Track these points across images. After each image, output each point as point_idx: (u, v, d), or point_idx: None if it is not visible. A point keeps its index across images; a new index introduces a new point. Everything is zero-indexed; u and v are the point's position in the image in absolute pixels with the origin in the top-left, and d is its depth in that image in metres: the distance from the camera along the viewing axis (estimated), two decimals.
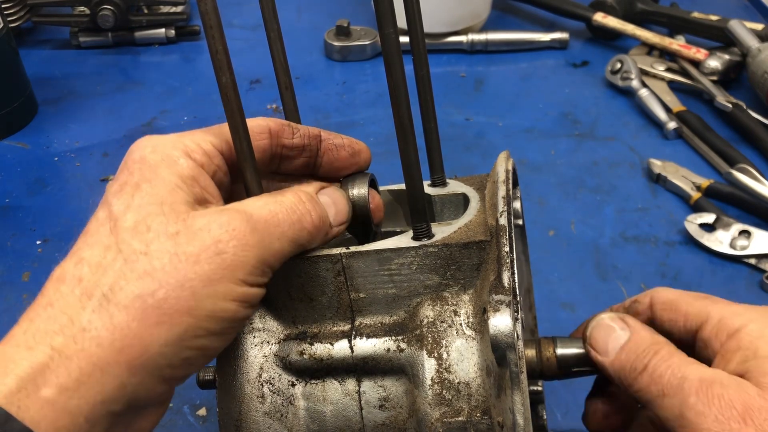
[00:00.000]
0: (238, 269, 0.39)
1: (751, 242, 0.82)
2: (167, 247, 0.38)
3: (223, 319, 0.39)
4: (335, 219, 0.46)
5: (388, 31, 0.43)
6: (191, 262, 0.38)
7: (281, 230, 0.42)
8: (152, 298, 0.37)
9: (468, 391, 0.45)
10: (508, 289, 0.42)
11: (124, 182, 0.41)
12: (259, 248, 0.40)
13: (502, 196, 0.46)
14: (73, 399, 0.36)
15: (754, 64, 1.02)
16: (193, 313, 0.38)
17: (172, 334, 0.37)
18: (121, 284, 0.37)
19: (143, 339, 0.37)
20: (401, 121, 0.44)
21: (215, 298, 0.38)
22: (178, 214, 0.39)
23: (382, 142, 0.99)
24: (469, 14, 1.18)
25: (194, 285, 0.38)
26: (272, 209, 0.42)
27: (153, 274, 0.37)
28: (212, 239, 0.39)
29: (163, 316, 0.37)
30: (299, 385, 0.48)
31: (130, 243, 0.38)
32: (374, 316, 0.48)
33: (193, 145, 0.42)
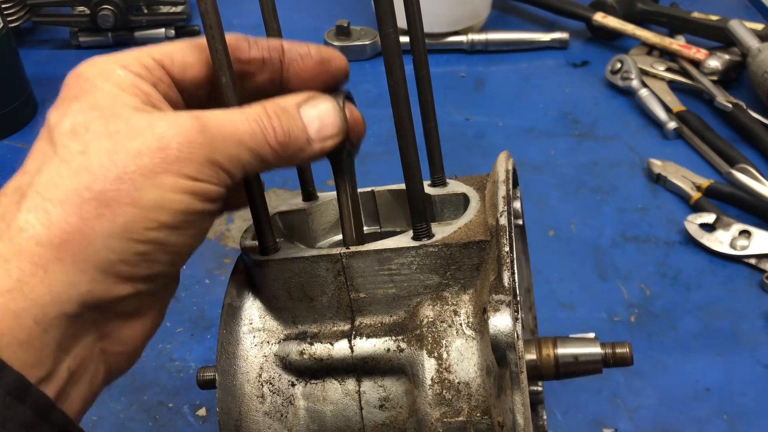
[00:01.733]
0: (183, 164, 0.37)
1: (751, 242, 0.82)
2: (106, 145, 0.36)
3: (174, 210, 0.37)
4: (319, 132, 0.43)
5: (388, 31, 0.43)
6: (131, 155, 0.36)
7: (238, 137, 0.39)
8: (89, 191, 0.35)
9: (468, 391, 0.45)
10: (508, 289, 0.42)
11: (62, 97, 0.39)
12: (209, 148, 0.38)
13: (502, 196, 0.46)
14: (17, 300, 0.34)
15: (754, 64, 1.02)
16: (137, 203, 0.36)
17: (115, 226, 0.36)
18: (56, 181, 0.36)
19: (84, 232, 0.35)
20: (401, 121, 0.44)
21: (160, 189, 0.36)
22: (119, 116, 0.37)
23: (382, 142, 0.99)
24: (469, 14, 1.18)
25: (135, 177, 0.36)
26: (230, 117, 0.40)
27: (90, 169, 0.36)
28: (155, 135, 0.37)
29: (102, 207, 0.35)
30: (299, 385, 0.48)
31: (67, 145, 0.37)
32: (374, 316, 0.48)
33: (130, 59, 0.41)
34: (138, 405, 0.70)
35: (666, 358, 0.72)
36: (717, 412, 0.68)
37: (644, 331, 0.75)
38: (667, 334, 0.75)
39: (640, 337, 0.74)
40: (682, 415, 0.68)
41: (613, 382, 0.70)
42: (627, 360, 0.49)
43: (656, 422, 0.67)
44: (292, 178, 0.95)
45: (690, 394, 0.69)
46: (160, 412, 0.70)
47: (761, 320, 0.76)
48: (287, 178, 0.96)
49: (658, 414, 0.68)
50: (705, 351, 0.73)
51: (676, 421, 0.67)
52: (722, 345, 0.74)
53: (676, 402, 0.69)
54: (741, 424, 0.67)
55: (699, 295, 0.79)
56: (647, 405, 0.69)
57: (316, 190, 0.55)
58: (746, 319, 0.76)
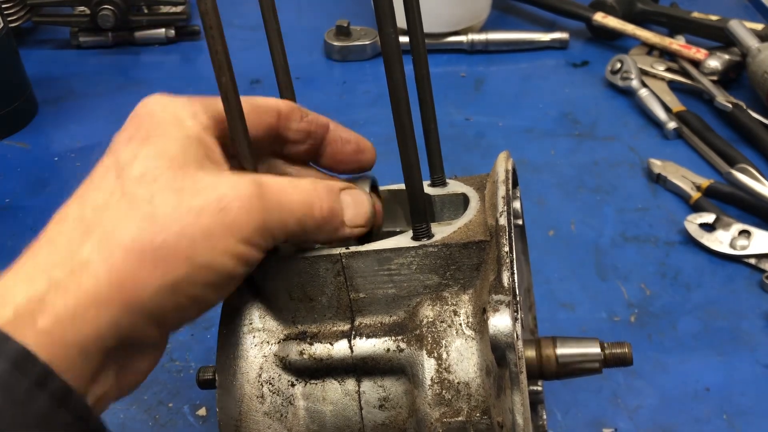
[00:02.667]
0: (239, 228, 0.39)
1: (751, 242, 0.82)
2: (171, 199, 0.38)
3: (219, 272, 0.39)
4: (352, 219, 0.46)
5: (388, 31, 0.43)
6: (193, 214, 0.38)
7: (289, 206, 0.41)
8: (151, 242, 0.37)
9: (468, 391, 0.45)
10: (508, 289, 0.42)
11: (133, 134, 0.41)
12: (264, 214, 0.40)
13: (502, 196, 0.46)
14: (68, 331, 0.36)
15: (754, 64, 1.02)
16: (191, 261, 0.38)
17: (167, 279, 0.37)
18: (122, 225, 0.37)
19: (139, 280, 0.37)
20: (401, 122, 0.44)
21: (214, 251, 0.38)
22: (186, 171, 0.39)
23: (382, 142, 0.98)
24: (469, 14, 1.18)
25: (194, 235, 0.38)
26: (285, 185, 0.42)
27: (155, 220, 0.38)
28: (216, 196, 0.39)
29: (160, 260, 0.37)
30: (299, 385, 0.48)
31: (135, 190, 0.38)
32: (374, 316, 0.48)
33: (200, 109, 0.43)
34: (138, 405, 0.70)
35: (666, 358, 0.73)
36: (717, 412, 0.68)
37: (644, 331, 0.75)
38: (667, 334, 0.75)
39: (640, 337, 0.74)
40: (682, 415, 0.68)
41: (613, 382, 0.70)
42: (627, 360, 0.49)
43: (656, 422, 0.67)
44: None
45: (690, 394, 0.69)
46: (160, 412, 0.70)
47: (761, 320, 0.76)
48: None
49: (658, 414, 0.68)
50: (705, 351, 0.73)
51: (676, 421, 0.67)
52: (722, 345, 0.74)
53: (676, 402, 0.69)
54: (741, 424, 0.67)
55: (699, 295, 0.79)
56: (647, 405, 0.69)
57: None
58: (746, 319, 0.76)
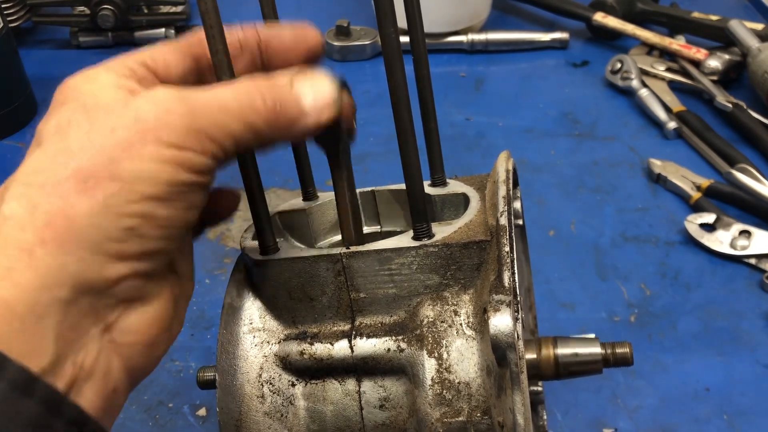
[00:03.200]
0: (162, 132, 0.36)
1: (752, 242, 0.82)
2: (84, 127, 0.37)
3: (157, 181, 0.36)
4: (313, 104, 0.41)
5: (388, 30, 0.42)
6: (106, 131, 0.36)
7: (222, 105, 0.38)
8: (67, 169, 0.35)
9: (468, 391, 0.45)
10: (509, 289, 0.42)
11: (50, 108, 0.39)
12: (190, 116, 0.37)
13: (503, 196, 0.46)
14: (7, 288, 0.33)
15: (755, 64, 1.02)
16: (116, 177, 0.35)
17: (95, 201, 0.35)
18: (35, 167, 0.36)
19: (65, 212, 0.34)
20: (401, 121, 0.44)
21: (140, 161, 0.36)
22: (99, 104, 0.38)
23: (382, 142, 0.99)
24: (469, 14, 1.18)
25: (111, 150, 0.36)
26: (214, 90, 0.39)
27: (67, 151, 0.36)
28: (131, 110, 0.37)
29: (80, 184, 0.35)
30: (299, 385, 0.48)
31: (50, 138, 0.37)
32: (374, 316, 0.48)
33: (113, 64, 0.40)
34: (138, 405, 0.70)
35: (666, 358, 0.73)
36: (717, 412, 0.68)
37: (644, 331, 0.75)
38: (667, 334, 0.75)
39: (640, 337, 0.74)
40: (682, 415, 0.68)
41: (613, 382, 0.70)
42: (627, 360, 0.49)
43: (656, 422, 0.67)
44: (293, 177, 0.94)
45: (690, 394, 0.70)
46: (160, 412, 0.70)
47: (761, 320, 0.76)
48: (287, 178, 0.96)
49: (658, 414, 0.68)
50: (705, 351, 0.73)
51: (676, 421, 0.67)
52: (722, 345, 0.74)
53: (676, 402, 0.69)
54: (741, 424, 0.67)
55: (699, 295, 0.79)
56: (647, 405, 0.69)
57: (316, 190, 0.55)
58: (746, 319, 0.76)
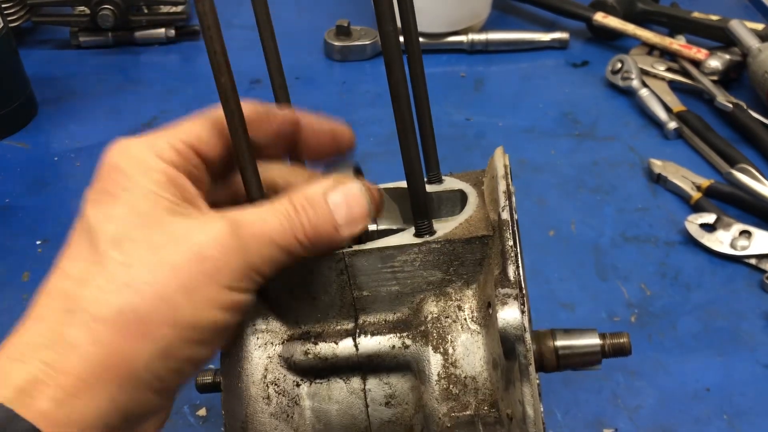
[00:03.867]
0: (220, 275, 0.38)
1: (752, 242, 0.82)
2: (148, 258, 0.38)
3: (206, 328, 0.39)
4: (347, 219, 0.43)
5: (387, 29, 0.43)
6: (171, 270, 0.37)
7: (269, 237, 0.40)
8: (132, 311, 0.37)
9: (475, 385, 0.45)
10: (515, 282, 0.42)
11: (100, 192, 0.40)
12: (244, 253, 0.39)
13: (503, 191, 0.46)
14: (67, 412, 0.35)
15: (755, 64, 1.02)
16: (175, 324, 0.37)
17: (155, 348, 0.37)
18: (101, 298, 0.37)
19: (125, 354, 0.36)
20: (402, 119, 0.44)
21: (196, 308, 0.38)
22: (159, 224, 0.39)
23: (382, 142, 0.99)
24: (469, 14, 1.18)
25: (174, 296, 0.37)
26: (261, 216, 0.40)
27: (133, 286, 0.37)
28: (191, 246, 0.38)
29: (143, 329, 0.37)
30: (304, 384, 0.48)
31: (111, 255, 0.38)
32: (378, 313, 0.48)
33: (165, 146, 0.41)
34: None
35: (666, 358, 0.73)
36: (717, 412, 0.68)
37: (644, 331, 0.75)
38: (667, 334, 0.75)
39: (640, 337, 0.74)
40: (682, 415, 0.68)
41: (613, 382, 0.70)
42: (626, 349, 0.49)
43: (656, 422, 0.67)
44: None
45: (690, 394, 0.70)
46: None
47: (761, 320, 0.76)
48: None
49: (658, 414, 0.68)
50: (705, 351, 0.73)
51: (676, 421, 0.67)
52: (722, 345, 0.74)
53: (676, 402, 0.69)
54: (741, 424, 0.67)
55: (699, 295, 0.79)
56: (647, 405, 0.69)
57: None
58: (746, 319, 0.76)
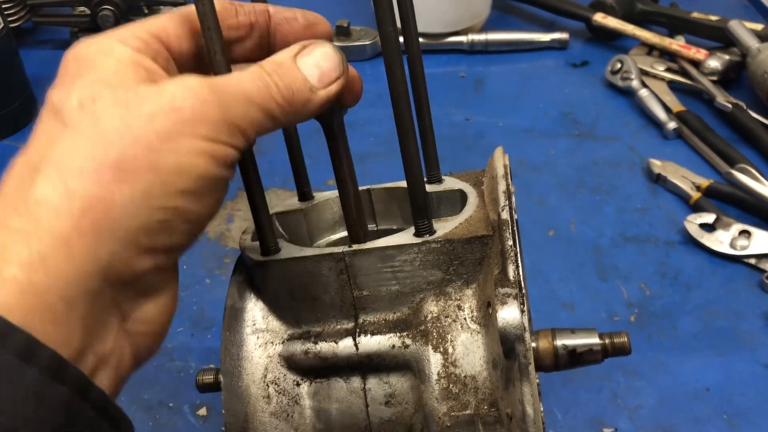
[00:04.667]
0: (198, 124, 0.36)
1: (751, 242, 0.82)
2: (117, 112, 0.35)
3: (192, 174, 0.36)
4: (320, 80, 0.41)
5: (387, 29, 0.43)
6: (145, 119, 0.35)
7: (246, 95, 0.38)
8: (106, 156, 0.34)
9: (474, 384, 0.45)
10: (514, 282, 0.42)
11: (61, 77, 0.38)
12: (221, 107, 0.37)
13: (503, 191, 0.46)
14: (40, 275, 0.32)
15: (754, 64, 1.02)
16: (155, 168, 0.35)
17: (135, 192, 0.34)
18: (71, 151, 0.34)
19: (104, 200, 0.34)
20: (402, 119, 0.45)
21: (177, 153, 0.35)
22: (126, 86, 0.36)
23: (382, 142, 0.99)
24: (469, 14, 1.18)
25: (151, 140, 0.35)
26: (235, 77, 0.39)
27: (104, 136, 0.35)
28: (167, 97, 0.36)
29: (120, 173, 0.34)
30: (304, 384, 0.48)
31: (77, 117, 0.35)
32: (378, 313, 0.48)
33: (126, 35, 0.39)
34: (138, 404, 0.70)
35: (666, 358, 0.73)
36: (717, 411, 0.68)
37: (644, 331, 0.75)
38: (667, 334, 0.75)
39: (640, 337, 0.74)
40: (682, 415, 0.68)
41: (613, 382, 0.70)
42: (626, 349, 0.49)
43: (656, 422, 0.67)
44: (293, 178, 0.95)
45: (690, 394, 0.70)
46: (161, 412, 0.70)
47: (761, 320, 0.76)
48: (287, 178, 0.96)
49: (658, 414, 0.68)
50: (705, 351, 0.73)
51: (676, 421, 0.67)
52: (722, 345, 0.74)
53: (676, 402, 0.69)
54: (741, 423, 0.67)
55: (699, 295, 0.79)
56: (647, 405, 0.69)
57: (311, 190, 0.55)
58: (746, 319, 0.76)
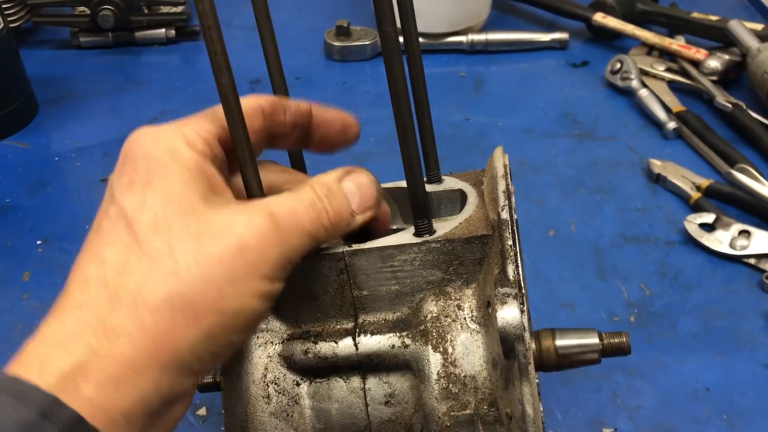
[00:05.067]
0: (261, 266, 0.39)
1: (751, 242, 0.82)
2: (191, 247, 0.38)
3: (248, 316, 0.39)
4: (359, 206, 0.45)
5: (387, 29, 0.43)
6: (215, 261, 0.38)
7: (301, 227, 0.41)
8: (180, 299, 0.37)
9: (474, 384, 0.45)
10: (514, 282, 0.42)
11: (132, 178, 0.40)
12: (281, 245, 0.40)
13: (503, 191, 0.47)
14: (112, 397, 0.36)
15: (754, 64, 1.02)
16: (221, 311, 0.38)
17: (201, 333, 0.38)
18: (148, 286, 0.37)
19: (173, 339, 0.37)
20: (402, 120, 0.45)
21: (241, 296, 0.38)
22: (197, 213, 0.39)
23: (383, 142, 0.99)
24: (469, 14, 1.18)
25: (220, 284, 0.38)
26: (292, 206, 0.41)
27: (179, 275, 0.37)
28: (235, 238, 0.38)
29: (191, 315, 0.37)
30: (304, 384, 0.48)
31: (152, 243, 0.38)
32: (378, 312, 0.48)
33: (193, 135, 0.42)
34: None
35: (666, 358, 0.73)
36: (717, 411, 0.68)
37: (644, 331, 0.75)
38: (666, 334, 0.75)
39: (640, 337, 0.74)
40: (682, 414, 0.68)
41: (613, 382, 0.70)
42: (625, 349, 0.49)
43: (656, 422, 0.67)
44: None
45: (690, 394, 0.70)
46: None
47: (761, 320, 0.76)
48: None
49: (658, 414, 0.68)
50: (705, 351, 0.73)
51: (676, 420, 0.67)
52: (722, 345, 0.74)
53: (676, 402, 0.69)
54: (741, 423, 0.67)
55: (699, 295, 0.79)
56: (647, 405, 0.69)
57: None
58: (746, 319, 0.76)
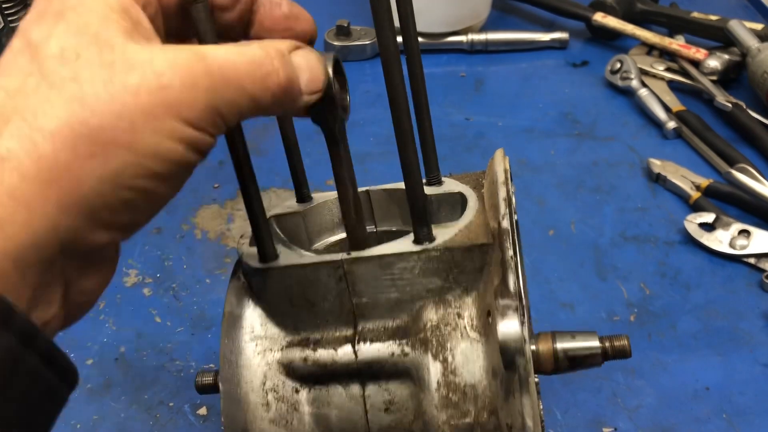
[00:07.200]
0: (183, 109, 0.34)
1: (751, 242, 0.82)
2: (101, 76, 0.32)
3: (167, 159, 0.34)
4: (307, 86, 0.39)
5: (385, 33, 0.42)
6: (130, 92, 0.32)
7: (239, 82, 0.36)
8: (85, 126, 0.32)
9: (474, 393, 0.45)
10: (514, 293, 0.42)
11: (43, 10, 0.34)
12: (211, 93, 0.35)
13: (503, 198, 0.46)
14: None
15: (754, 64, 1.02)
16: (133, 147, 0.33)
17: (107, 169, 0.32)
18: (45, 109, 0.32)
19: (74, 172, 0.32)
20: (400, 126, 0.44)
21: (157, 135, 0.33)
22: (113, 45, 0.33)
23: (382, 142, 0.99)
24: (469, 14, 1.18)
25: (134, 117, 0.32)
26: (233, 57, 0.36)
27: (84, 101, 0.32)
28: (155, 72, 0.33)
29: (97, 147, 0.32)
30: (303, 391, 0.48)
31: (57, 70, 0.32)
32: (377, 320, 0.48)
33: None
34: (138, 404, 0.70)
35: (666, 358, 0.73)
36: (717, 411, 0.68)
37: (644, 330, 0.75)
38: (666, 333, 0.75)
39: (640, 337, 0.74)
40: (681, 414, 0.68)
41: (613, 381, 0.70)
42: (626, 352, 0.49)
43: (656, 422, 0.67)
44: None
45: (690, 394, 0.70)
46: (161, 412, 0.70)
47: (761, 320, 0.76)
48: (288, 178, 0.95)
49: (658, 414, 0.68)
50: (704, 351, 0.73)
51: (676, 420, 0.67)
52: (722, 345, 0.74)
53: (676, 402, 0.69)
54: (741, 423, 0.67)
55: (698, 294, 0.79)
56: (647, 405, 0.69)
57: (309, 191, 0.55)
58: (746, 319, 0.76)
